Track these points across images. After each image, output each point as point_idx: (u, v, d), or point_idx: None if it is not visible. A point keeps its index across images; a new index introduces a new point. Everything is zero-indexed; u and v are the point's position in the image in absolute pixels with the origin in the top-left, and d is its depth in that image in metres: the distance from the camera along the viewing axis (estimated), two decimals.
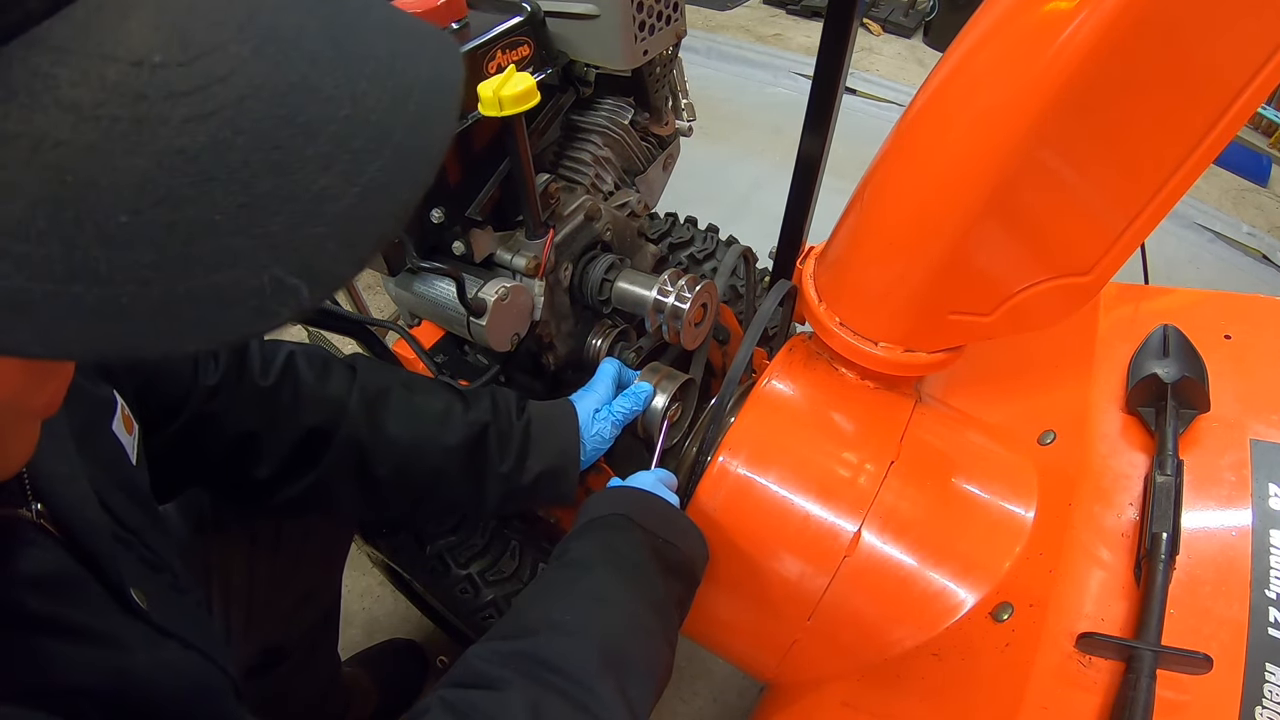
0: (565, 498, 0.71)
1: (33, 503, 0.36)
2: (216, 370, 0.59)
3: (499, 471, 0.67)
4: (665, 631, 0.52)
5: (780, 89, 2.47)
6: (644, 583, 0.52)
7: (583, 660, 0.45)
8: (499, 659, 0.46)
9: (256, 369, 0.61)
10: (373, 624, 1.23)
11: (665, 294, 0.76)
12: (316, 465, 0.62)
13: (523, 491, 0.69)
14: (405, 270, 0.73)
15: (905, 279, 0.57)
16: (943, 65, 0.52)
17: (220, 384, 0.58)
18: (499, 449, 0.68)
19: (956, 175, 0.51)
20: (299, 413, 0.61)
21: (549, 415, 0.71)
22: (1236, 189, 2.05)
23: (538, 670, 0.45)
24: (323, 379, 0.64)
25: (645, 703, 0.48)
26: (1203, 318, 0.64)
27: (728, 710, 1.09)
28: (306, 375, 0.63)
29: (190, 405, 0.57)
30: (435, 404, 0.68)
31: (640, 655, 0.49)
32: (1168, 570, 0.48)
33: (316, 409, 0.62)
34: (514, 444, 0.69)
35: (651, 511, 0.59)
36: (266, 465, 0.60)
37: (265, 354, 0.63)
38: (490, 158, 0.72)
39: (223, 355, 0.60)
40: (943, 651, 0.56)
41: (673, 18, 0.79)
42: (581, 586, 0.51)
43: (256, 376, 0.61)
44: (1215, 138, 0.45)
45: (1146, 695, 0.43)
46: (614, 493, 0.62)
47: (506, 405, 0.70)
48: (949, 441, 0.67)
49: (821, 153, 0.84)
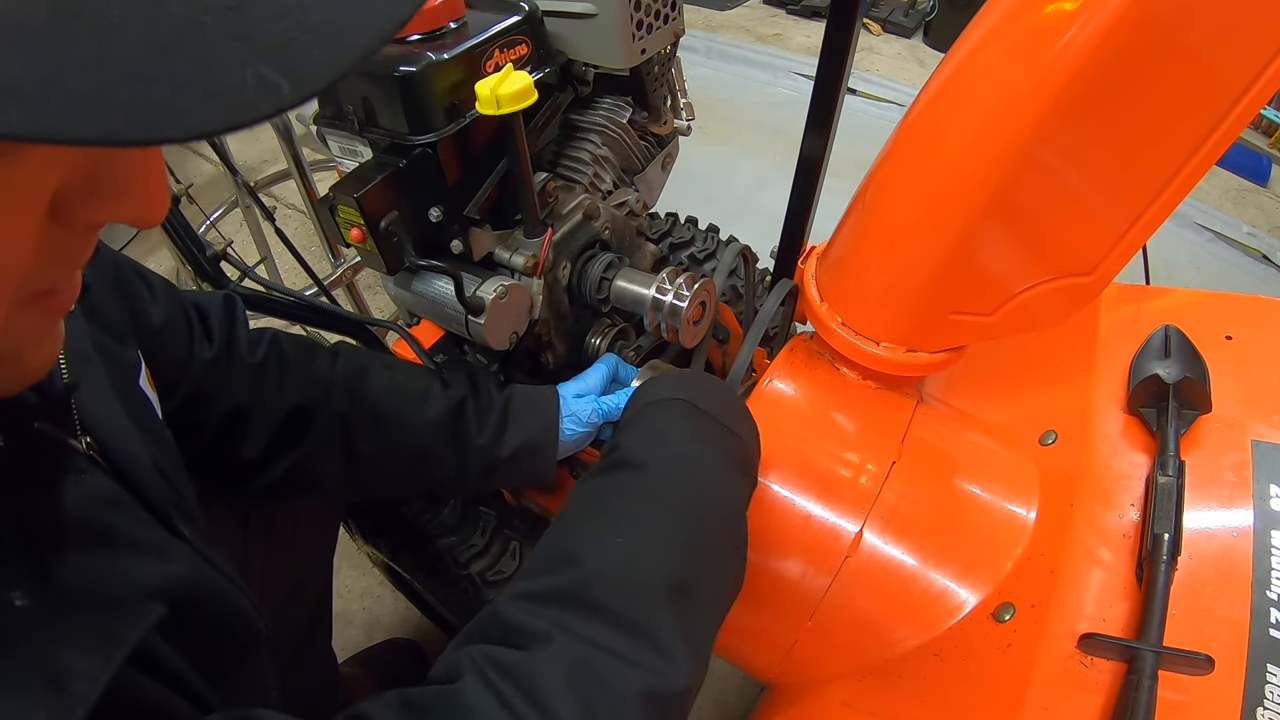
0: (543, 475, 0.72)
1: (82, 436, 0.37)
2: (211, 346, 0.60)
3: (477, 443, 0.68)
4: (736, 543, 0.44)
5: (780, 89, 2.46)
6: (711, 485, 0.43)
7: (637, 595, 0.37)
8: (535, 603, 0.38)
9: (244, 347, 0.63)
10: (373, 624, 1.23)
11: (664, 292, 0.76)
12: (302, 443, 0.64)
13: (502, 465, 0.69)
14: (404, 269, 0.72)
15: (907, 279, 0.57)
16: (945, 66, 0.52)
17: (214, 359, 0.60)
18: (477, 421, 0.69)
19: (958, 176, 0.51)
20: (284, 390, 0.63)
21: (530, 393, 0.73)
22: (1236, 189, 2.05)
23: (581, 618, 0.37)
24: (306, 358, 0.66)
25: (709, 636, 0.41)
26: (1204, 318, 0.64)
27: (728, 710, 1.09)
28: (291, 354, 0.65)
29: (188, 379, 0.58)
30: (416, 382, 0.70)
31: (709, 578, 0.41)
32: (1169, 571, 0.48)
33: (301, 386, 0.64)
34: (493, 417, 0.70)
35: (713, 397, 0.50)
36: (254, 443, 0.62)
37: (251, 334, 0.65)
38: (488, 157, 0.72)
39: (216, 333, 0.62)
40: (944, 652, 0.56)
41: (671, 17, 0.79)
42: (637, 494, 0.41)
43: (245, 354, 0.63)
44: (1218, 139, 0.44)
45: (1148, 696, 0.43)
46: (667, 377, 0.54)
47: (485, 382, 0.72)
48: (950, 442, 0.67)
49: (823, 152, 0.84)
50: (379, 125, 0.68)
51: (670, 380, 0.52)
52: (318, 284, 0.99)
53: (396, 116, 0.65)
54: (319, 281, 0.99)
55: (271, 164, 2.31)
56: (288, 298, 0.75)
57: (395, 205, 0.66)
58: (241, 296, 0.73)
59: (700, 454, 0.44)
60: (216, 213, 1.63)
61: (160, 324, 0.56)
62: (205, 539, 0.47)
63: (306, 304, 0.76)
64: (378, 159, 0.68)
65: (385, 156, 0.67)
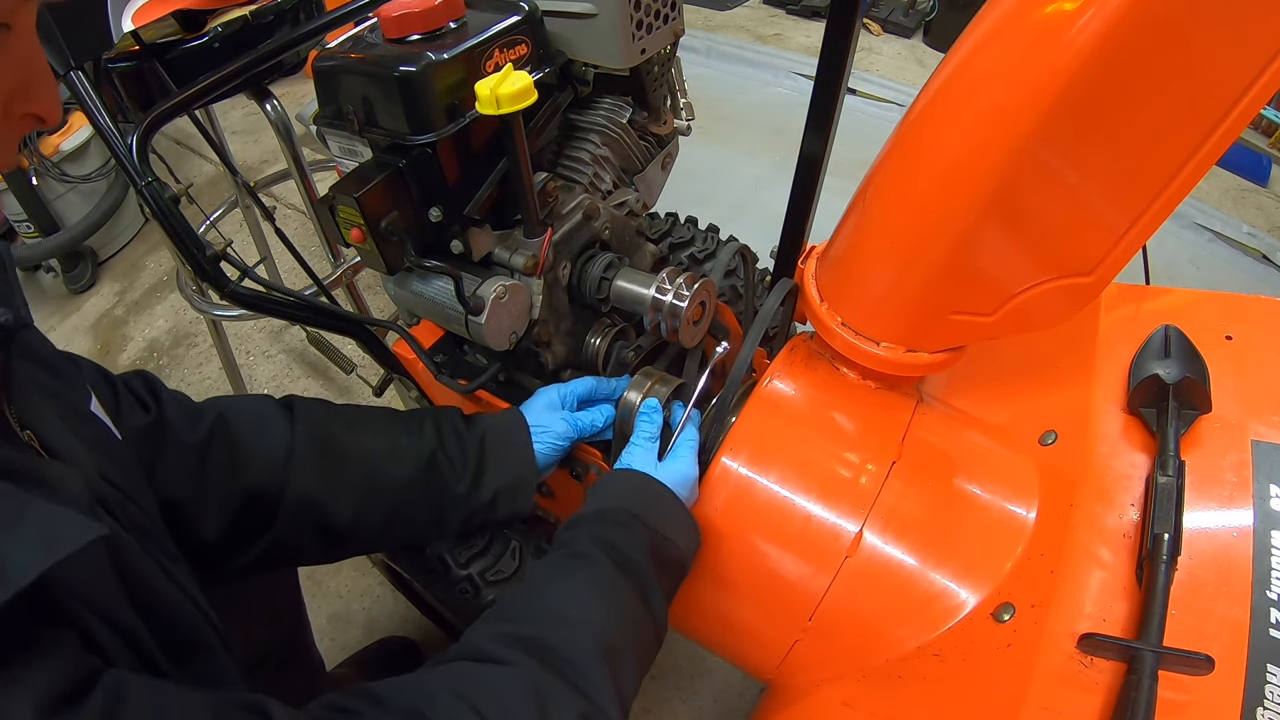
0: (523, 510, 0.71)
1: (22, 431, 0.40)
2: (146, 415, 0.59)
3: (457, 494, 0.68)
4: (655, 623, 0.56)
5: (780, 89, 2.46)
6: (642, 580, 0.55)
7: (584, 650, 0.49)
8: (506, 640, 0.48)
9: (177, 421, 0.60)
10: (373, 624, 1.23)
11: (663, 292, 0.76)
12: (270, 526, 0.62)
13: (483, 509, 0.69)
14: (404, 269, 0.72)
15: (907, 279, 0.57)
16: (945, 66, 0.52)
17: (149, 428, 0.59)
18: (452, 471, 0.68)
19: (958, 176, 0.51)
20: (236, 475, 0.61)
21: (502, 429, 0.71)
22: (1236, 189, 2.05)
23: (544, 655, 0.48)
24: (257, 434, 0.63)
25: (633, 688, 0.53)
26: (1203, 318, 0.64)
27: (728, 710, 1.09)
28: (240, 432, 0.62)
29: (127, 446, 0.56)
30: (380, 442, 0.67)
31: (632, 647, 0.53)
32: (1169, 571, 0.48)
33: (256, 468, 0.62)
34: (469, 463, 0.69)
35: (654, 507, 0.60)
36: (211, 528, 0.60)
37: (192, 408, 0.63)
38: (488, 156, 0.72)
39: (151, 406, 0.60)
40: (944, 652, 0.56)
41: (671, 17, 0.79)
42: (585, 579, 0.54)
43: (181, 429, 0.60)
44: (1218, 139, 0.44)
45: (1148, 696, 0.43)
46: (621, 482, 0.62)
47: (452, 425, 0.70)
48: (950, 442, 0.67)
49: (823, 152, 0.84)
50: (379, 125, 0.68)
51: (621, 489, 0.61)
52: (318, 284, 0.99)
53: (396, 116, 0.65)
54: (319, 281, 0.99)
55: (271, 164, 2.31)
56: (288, 298, 0.75)
57: (395, 205, 0.66)
58: (241, 296, 0.73)
59: (637, 559, 0.56)
60: (216, 213, 1.63)
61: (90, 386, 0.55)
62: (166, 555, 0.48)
63: (306, 304, 0.76)
64: (378, 159, 0.68)
65: (385, 156, 0.67)
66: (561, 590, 0.53)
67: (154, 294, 1.96)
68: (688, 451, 0.65)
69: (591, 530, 0.57)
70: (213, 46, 0.96)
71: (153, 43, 0.94)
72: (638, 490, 0.61)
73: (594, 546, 0.55)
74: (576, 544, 0.56)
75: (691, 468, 0.64)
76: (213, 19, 1.02)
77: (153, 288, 1.98)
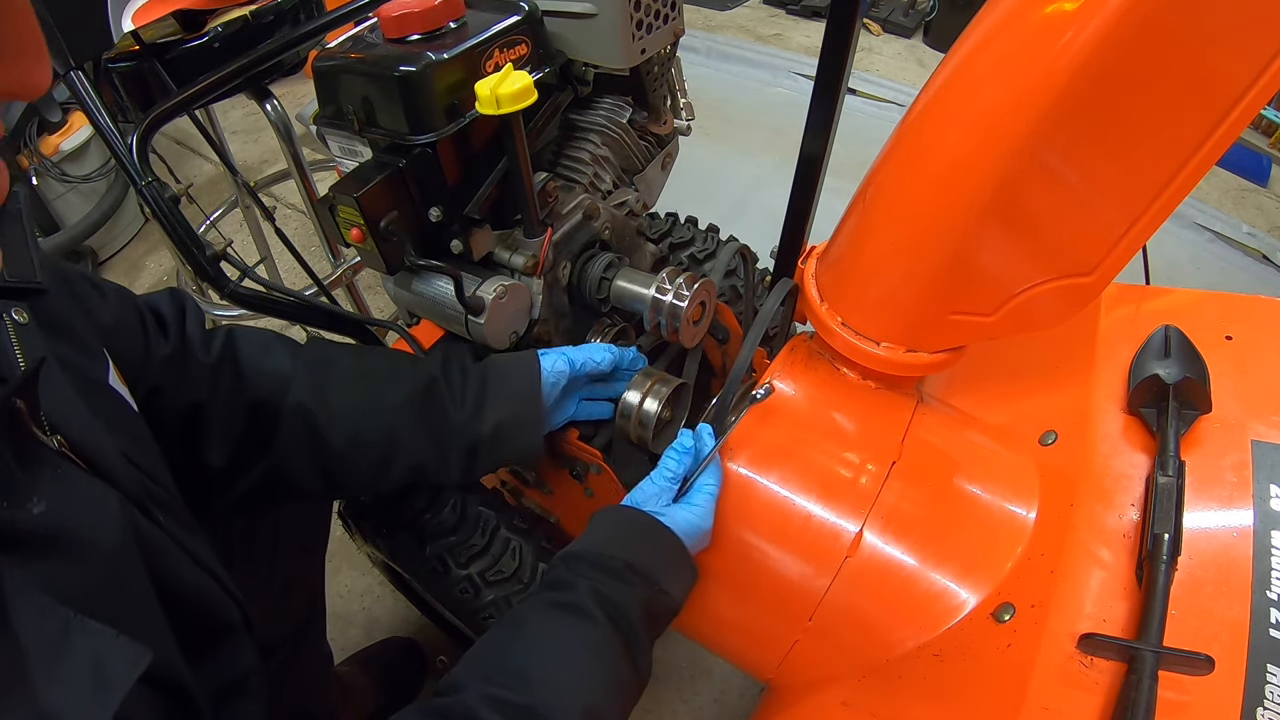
0: (530, 449, 0.69)
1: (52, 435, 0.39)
2: (167, 343, 0.60)
3: (455, 422, 0.66)
4: (639, 679, 0.56)
5: (780, 89, 2.46)
6: (634, 638, 0.55)
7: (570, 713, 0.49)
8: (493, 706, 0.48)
9: (198, 344, 0.62)
10: (373, 624, 1.23)
11: (663, 292, 0.76)
12: (269, 447, 0.62)
13: (485, 444, 0.67)
14: (404, 269, 0.72)
15: (907, 279, 0.57)
16: (945, 66, 0.52)
17: (171, 355, 0.60)
18: (451, 399, 0.66)
19: (958, 176, 0.51)
20: (242, 387, 0.62)
21: (508, 361, 0.70)
22: (1236, 189, 2.05)
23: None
24: (263, 353, 0.64)
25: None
26: (1204, 318, 0.64)
27: (728, 710, 1.09)
28: (247, 350, 0.64)
29: (147, 376, 0.58)
30: (380, 365, 0.67)
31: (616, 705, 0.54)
32: (1169, 571, 0.48)
33: (259, 383, 0.62)
34: (470, 392, 0.67)
35: (659, 559, 0.58)
36: (219, 447, 0.61)
37: (206, 333, 0.64)
38: (488, 156, 0.72)
39: (171, 329, 0.61)
40: (944, 652, 0.56)
41: (671, 17, 0.79)
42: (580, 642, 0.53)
43: (199, 352, 0.62)
44: (1218, 139, 0.44)
45: (1148, 696, 0.42)
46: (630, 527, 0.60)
47: (458, 356, 0.69)
48: (950, 442, 0.67)
49: (823, 152, 0.84)
50: (379, 125, 0.68)
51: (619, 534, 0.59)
52: (318, 284, 0.99)
53: (396, 116, 0.65)
54: (319, 281, 0.99)
55: (271, 164, 2.31)
56: (288, 298, 0.75)
57: (395, 205, 0.66)
58: (241, 296, 0.73)
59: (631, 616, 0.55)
60: (216, 213, 1.63)
61: (112, 325, 0.56)
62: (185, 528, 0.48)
63: (306, 304, 0.76)
64: (378, 159, 0.68)
65: (385, 156, 0.67)
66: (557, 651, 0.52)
67: None
68: (706, 500, 0.61)
69: (592, 584, 0.55)
70: (213, 46, 0.96)
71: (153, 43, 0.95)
72: (645, 539, 0.59)
73: (593, 603, 0.54)
74: (575, 595, 0.55)
75: (707, 519, 0.61)
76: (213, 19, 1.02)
77: (153, 288, 1.98)
